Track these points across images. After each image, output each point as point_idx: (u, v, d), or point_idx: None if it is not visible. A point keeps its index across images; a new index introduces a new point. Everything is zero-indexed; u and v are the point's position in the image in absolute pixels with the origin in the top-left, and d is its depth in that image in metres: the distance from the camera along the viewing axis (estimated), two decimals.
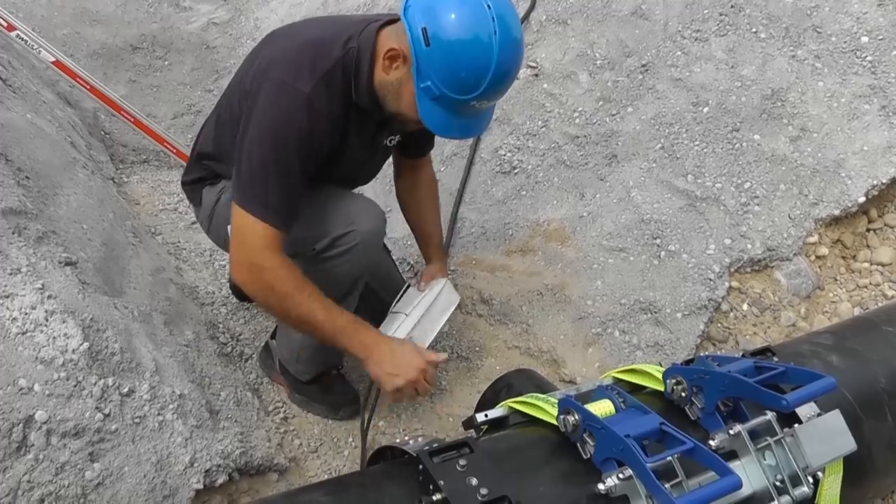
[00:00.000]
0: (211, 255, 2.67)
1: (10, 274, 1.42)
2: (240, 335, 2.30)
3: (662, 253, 2.29)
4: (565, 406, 1.06)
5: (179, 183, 2.11)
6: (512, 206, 2.65)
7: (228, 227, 1.71)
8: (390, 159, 2.08)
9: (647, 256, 2.31)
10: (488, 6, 1.42)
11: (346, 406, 2.09)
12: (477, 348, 2.38)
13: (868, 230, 2.49)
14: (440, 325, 2.00)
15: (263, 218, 1.54)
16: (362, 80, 1.60)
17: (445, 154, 2.87)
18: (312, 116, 1.54)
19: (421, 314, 1.95)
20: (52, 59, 2.94)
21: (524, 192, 2.66)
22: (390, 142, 1.88)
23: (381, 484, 1.01)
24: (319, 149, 1.61)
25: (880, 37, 2.56)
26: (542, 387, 1.46)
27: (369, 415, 2.03)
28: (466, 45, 1.44)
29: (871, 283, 2.37)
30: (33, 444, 1.22)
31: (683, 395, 1.14)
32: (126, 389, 1.42)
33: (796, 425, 1.11)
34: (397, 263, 2.40)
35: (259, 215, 1.54)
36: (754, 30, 2.70)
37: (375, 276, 2.04)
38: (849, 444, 1.12)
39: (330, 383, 2.11)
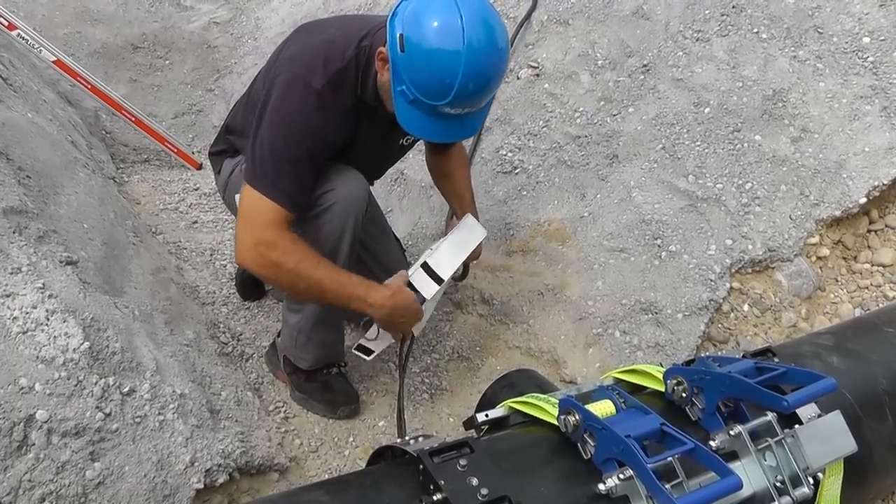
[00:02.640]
0: (212, 255, 2.68)
1: (11, 273, 1.42)
2: (240, 335, 2.31)
3: (663, 253, 2.29)
4: (566, 406, 1.06)
5: (181, 183, 2.13)
6: (513, 205, 2.65)
7: (236, 195, 1.81)
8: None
9: (648, 257, 2.31)
10: (461, 17, 1.46)
11: (345, 405, 2.10)
12: (478, 348, 2.38)
13: (869, 231, 2.49)
14: (464, 256, 2.01)
15: (273, 198, 1.63)
16: (370, 78, 1.69)
17: None
18: (322, 112, 1.65)
19: (441, 245, 1.97)
20: (53, 58, 2.95)
21: (525, 192, 2.66)
22: (407, 141, 1.95)
23: (382, 484, 1.01)
24: (329, 142, 1.71)
25: (882, 37, 2.56)
26: (543, 387, 1.45)
27: (399, 387, 2.06)
28: (434, 54, 1.49)
29: (871, 284, 2.37)
30: (34, 444, 1.22)
31: (684, 395, 1.14)
32: (127, 389, 1.43)
33: (797, 426, 1.10)
34: None
35: (269, 196, 1.63)
36: (756, 30, 2.69)
37: (368, 250, 2.09)
38: (849, 444, 1.12)
39: (330, 381, 2.11)
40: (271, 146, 1.64)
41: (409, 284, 1.89)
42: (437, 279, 1.93)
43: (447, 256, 1.97)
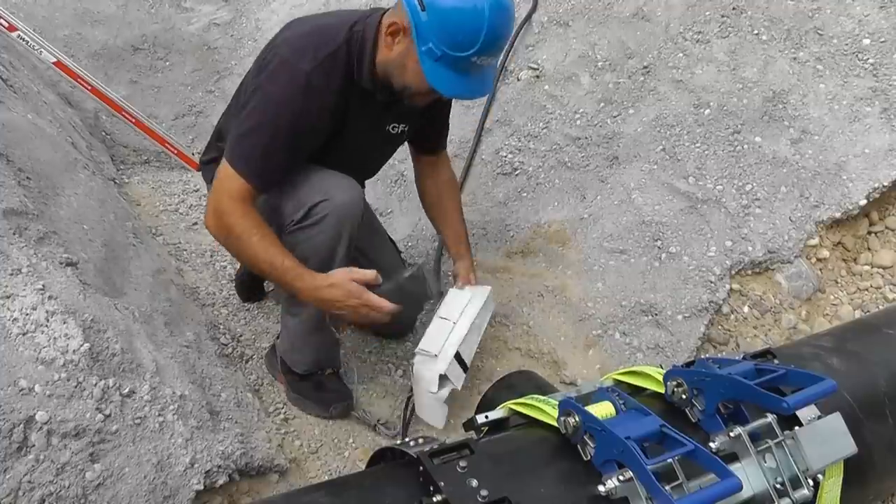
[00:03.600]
0: (212, 257, 2.68)
1: (11, 274, 1.42)
2: (240, 336, 2.30)
3: (663, 255, 2.29)
4: (566, 408, 1.06)
5: (181, 184, 2.13)
6: (513, 207, 2.65)
7: None
8: (398, 156, 2.13)
9: (648, 258, 2.31)
10: None
11: (337, 403, 2.10)
12: (477, 349, 2.38)
13: (869, 233, 2.49)
14: (482, 333, 2.08)
15: (241, 172, 1.69)
16: (365, 60, 1.72)
17: None
18: (309, 94, 1.67)
19: (468, 325, 2.01)
20: (54, 59, 2.95)
21: (525, 194, 2.66)
22: (393, 129, 1.96)
23: (382, 485, 1.01)
24: (315, 126, 1.74)
25: (882, 39, 2.56)
26: (543, 388, 1.45)
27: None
28: (459, 5, 1.57)
29: (871, 286, 2.36)
30: (34, 445, 1.22)
31: (684, 397, 1.14)
32: (127, 390, 1.42)
33: (797, 428, 1.10)
34: None
35: (237, 168, 1.69)
36: (756, 32, 2.70)
37: (362, 254, 2.10)
38: (849, 446, 1.11)
39: (324, 381, 2.12)
40: (253, 123, 1.69)
41: (443, 377, 1.95)
42: (465, 367, 2.01)
43: (473, 335, 2.03)
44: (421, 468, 0.95)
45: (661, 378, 1.20)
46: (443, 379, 1.97)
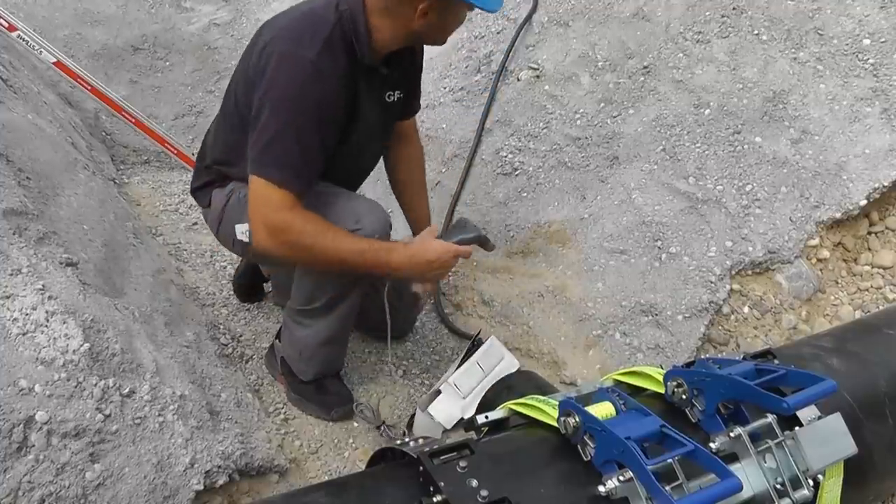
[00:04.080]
0: (212, 257, 2.68)
1: (11, 274, 1.42)
2: (240, 336, 2.30)
3: (663, 255, 2.29)
4: (566, 408, 1.06)
5: (182, 184, 2.12)
6: (513, 207, 2.65)
7: (237, 225, 1.81)
8: None
9: (648, 258, 2.31)
10: None
11: (339, 407, 2.09)
12: None
13: (869, 233, 2.49)
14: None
15: (280, 182, 1.60)
16: (361, 36, 1.68)
17: (446, 155, 2.88)
18: (322, 80, 1.62)
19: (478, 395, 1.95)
20: (54, 59, 2.95)
21: (525, 194, 2.66)
22: (389, 97, 1.93)
23: (382, 485, 1.01)
24: (334, 111, 1.68)
25: (882, 39, 2.56)
26: (543, 388, 1.45)
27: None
28: None
29: (872, 286, 2.36)
30: (34, 445, 1.22)
31: (684, 397, 1.13)
32: (127, 390, 1.42)
33: (797, 428, 1.10)
34: None
35: (275, 179, 1.60)
36: (756, 32, 2.70)
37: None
38: (849, 446, 1.11)
39: (325, 383, 2.11)
40: (275, 126, 1.61)
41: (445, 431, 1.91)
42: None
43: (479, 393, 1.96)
44: (421, 468, 0.95)
45: (661, 378, 1.20)
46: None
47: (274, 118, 1.61)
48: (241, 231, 1.84)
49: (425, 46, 2.01)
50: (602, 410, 1.07)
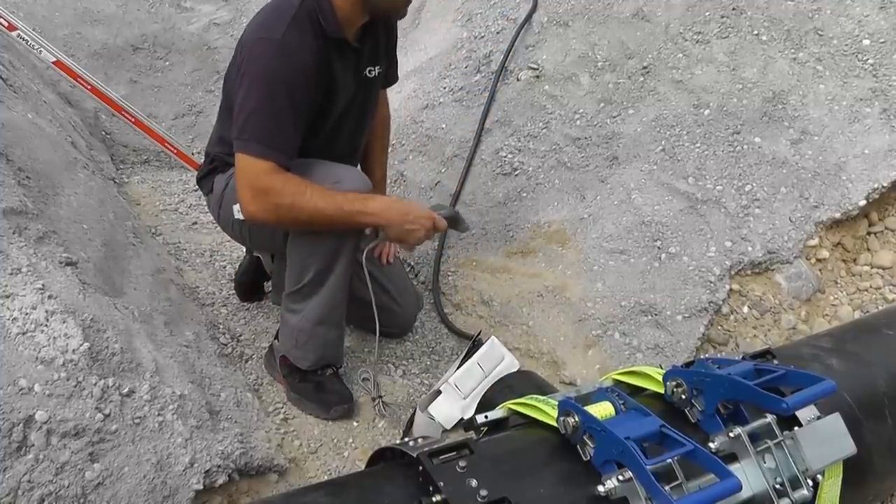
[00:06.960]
0: (211, 256, 2.68)
1: (11, 274, 1.42)
2: (240, 336, 2.30)
3: (663, 255, 2.29)
4: (565, 408, 1.06)
5: (181, 184, 2.13)
6: (513, 207, 2.65)
7: (234, 206, 1.86)
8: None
9: (648, 258, 2.31)
10: None
11: (338, 405, 2.09)
12: None
13: (869, 233, 2.49)
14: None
15: (259, 154, 1.69)
16: (326, 12, 1.76)
17: (446, 155, 2.88)
18: (290, 56, 1.71)
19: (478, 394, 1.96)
20: (53, 59, 2.95)
21: (525, 194, 2.66)
22: (370, 72, 2.00)
23: (381, 485, 1.01)
24: (305, 86, 1.75)
25: (882, 39, 2.56)
26: (542, 388, 1.45)
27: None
28: None
29: (871, 287, 2.37)
30: (33, 444, 1.22)
31: (683, 397, 1.14)
32: (126, 390, 1.42)
33: (796, 428, 1.10)
34: None
35: (255, 151, 1.69)
36: (756, 32, 2.70)
37: (370, 261, 2.08)
38: (849, 447, 1.11)
39: (324, 382, 2.11)
40: (252, 104, 1.70)
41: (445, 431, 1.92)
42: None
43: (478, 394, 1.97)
44: (420, 468, 0.95)
45: (660, 378, 1.20)
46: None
47: (249, 98, 1.71)
48: (237, 210, 1.89)
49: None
50: (601, 410, 1.07)
